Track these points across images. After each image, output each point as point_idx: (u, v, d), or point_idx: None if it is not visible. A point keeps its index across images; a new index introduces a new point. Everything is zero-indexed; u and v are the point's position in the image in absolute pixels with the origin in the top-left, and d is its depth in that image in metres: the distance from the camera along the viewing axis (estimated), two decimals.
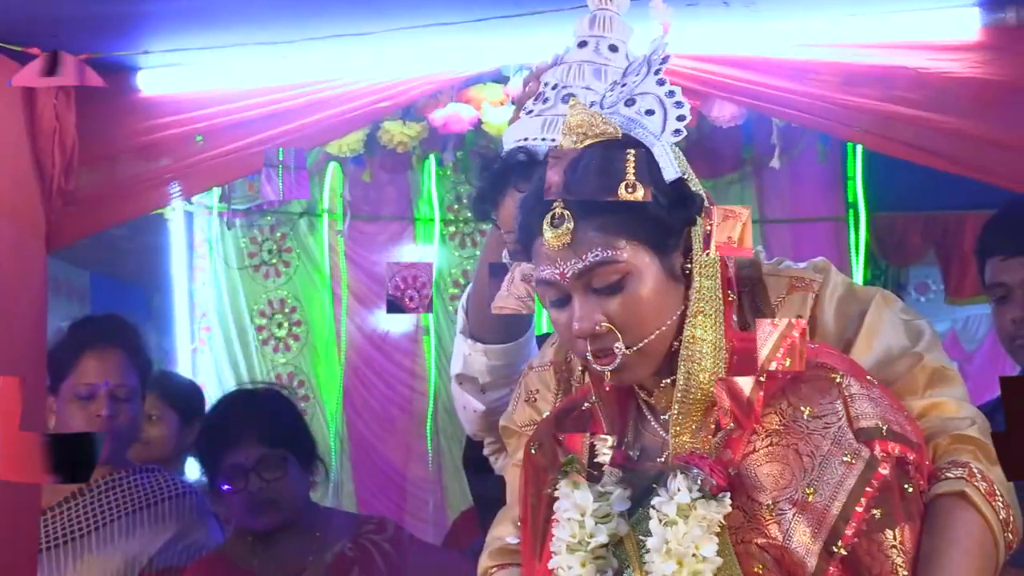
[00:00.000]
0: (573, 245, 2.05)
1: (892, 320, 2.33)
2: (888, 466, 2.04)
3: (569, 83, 2.26)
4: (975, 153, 3.05)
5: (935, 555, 2.05)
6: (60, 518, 3.86)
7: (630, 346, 2.07)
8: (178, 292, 7.02)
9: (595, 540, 2.15)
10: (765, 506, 2.05)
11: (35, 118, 3.34)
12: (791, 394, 2.09)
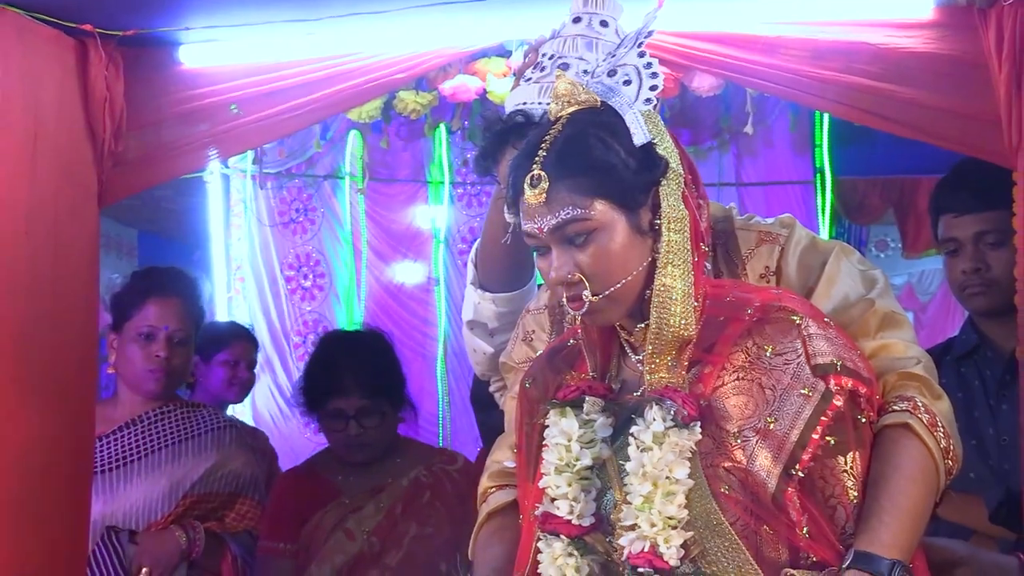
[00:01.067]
0: (548, 203, 2.08)
1: (849, 270, 2.36)
2: (842, 398, 2.07)
3: (564, 54, 2.27)
4: (929, 120, 3.06)
5: (881, 479, 2.07)
6: (113, 445, 3.88)
7: (596, 293, 2.10)
8: (216, 247, 7.03)
9: (580, 463, 2.18)
10: (731, 434, 2.07)
11: (88, 88, 3.34)
12: (756, 335, 2.11)
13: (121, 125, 3.38)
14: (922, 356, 2.23)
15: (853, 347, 2.18)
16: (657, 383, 2.12)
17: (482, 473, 2.59)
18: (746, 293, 2.20)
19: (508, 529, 2.40)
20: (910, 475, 2.08)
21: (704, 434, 2.08)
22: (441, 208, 6.86)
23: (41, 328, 3.27)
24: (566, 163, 2.07)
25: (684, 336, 2.12)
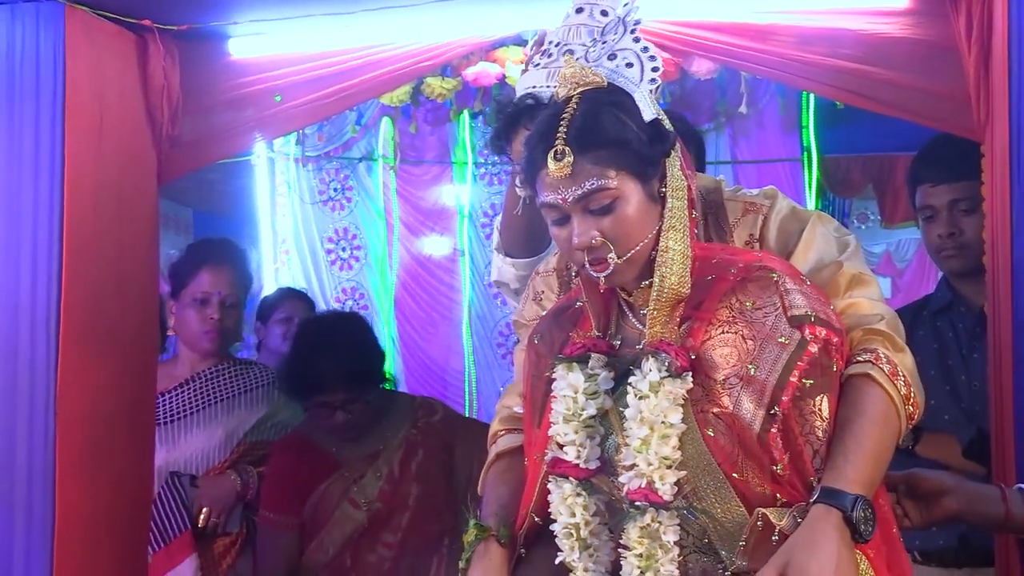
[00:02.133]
0: (573, 175, 2.08)
1: (825, 235, 2.36)
2: (816, 346, 2.08)
3: (568, 41, 2.26)
4: (905, 99, 3.06)
5: (846, 422, 2.08)
6: (175, 399, 3.93)
7: (620, 256, 2.10)
8: (263, 223, 7.06)
9: (586, 412, 2.19)
10: (718, 382, 2.08)
11: (147, 77, 3.35)
12: (739, 292, 2.12)
13: (177, 111, 3.38)
14: (886, 313, 2.23)
15: (826, 301, 2.18)
16: (653, 337, 2.13)
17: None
18: (731, 255, 2.21)
19: (514, 470, 2.40)
20: (872, 418, 2.09)
21: (695, 383, 2.09)
22: (465, 186, 6.86)
23: (108, 294, 3.28)
24: (587, 138, 2.07)
25: (681, 294, 2.13)
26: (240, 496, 3.86)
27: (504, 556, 2.27)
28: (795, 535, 1.97)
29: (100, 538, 3.25)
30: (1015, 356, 2.76)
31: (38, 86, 3.14)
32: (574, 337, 2.27)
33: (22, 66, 3.15)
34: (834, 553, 1.93)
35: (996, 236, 2.84)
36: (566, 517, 2.21)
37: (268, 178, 7.05)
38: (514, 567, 2.27)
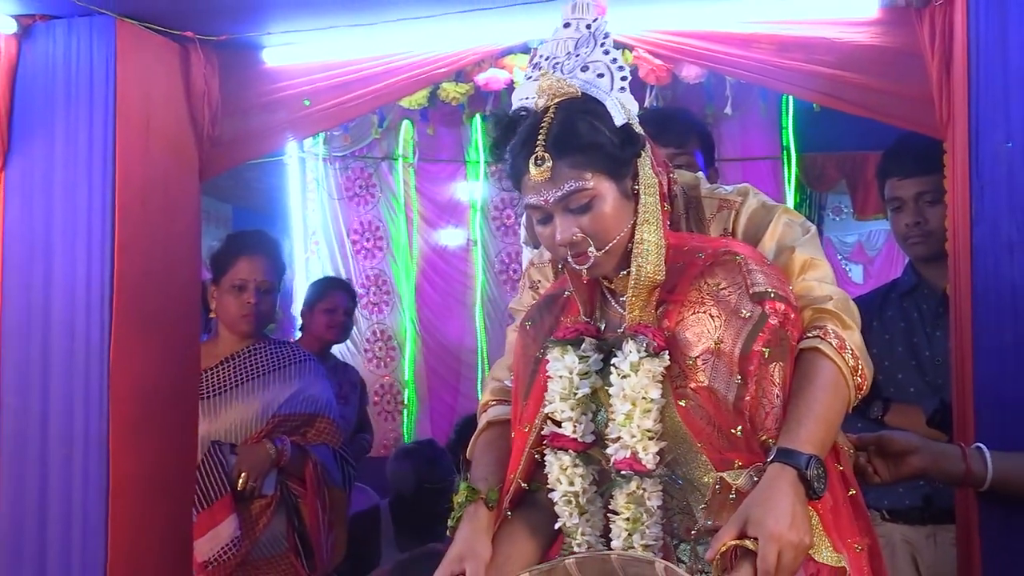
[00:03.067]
0: (552, 179, 2.09)
1: (788, 225, 2.35)
2: (776, 319, 2.09)
3: (556, 55, 2.25)
4: (875, 100, 3.07)
5: (799, 391, 2.09)
6: (216, 376, 3.94)
7: (599, 249, 2.11)
8: (295, 217, 7.08)
9: (580, 392, 2.20)
10: (693, 359, 2.08)
11: (190, 83, 3.36)
12: (707, 275, 2.13)
13: (216, 114, 3.39)
14: (835, 294, 2.22)
15: (786, 280, 2.20)
16: (632, 321, 2.14)
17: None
18: (700, 243, 2.22)
19: (503, 438, 2.38)
20: (822, 386, 2.09)
21: (672, 361, 2.10)
22: (477, 183, 6.86)
23: (155, 280, 3.30)
24: (564, 144, 2.08)
25: (656, 280, 2.14)
26: (275, 463, 3.87)
27: (490, 517, 2.26)
28: (753, 493, 1.96)
29: (150, 500, 3.26)
30: (974, 334, 2.76)
31: (92, 91, 3.15)
32: (565, 322, 2.27)
33: (77, 73, 3.17)
34: (789, 508, 1.92)
35: (957, 225, 2.84)
36: (565, 486, 2.21)
37: (299, 176, 7.05)
38: (499, 527, 2.26)
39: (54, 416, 3.14)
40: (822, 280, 2.26)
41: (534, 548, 2.26)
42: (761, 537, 1.90)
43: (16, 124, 3.18)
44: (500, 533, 2.25)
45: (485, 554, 2.20)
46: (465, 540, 2.22)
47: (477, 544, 2.21)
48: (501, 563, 2.20)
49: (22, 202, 3.19)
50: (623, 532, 2.15)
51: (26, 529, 3.13)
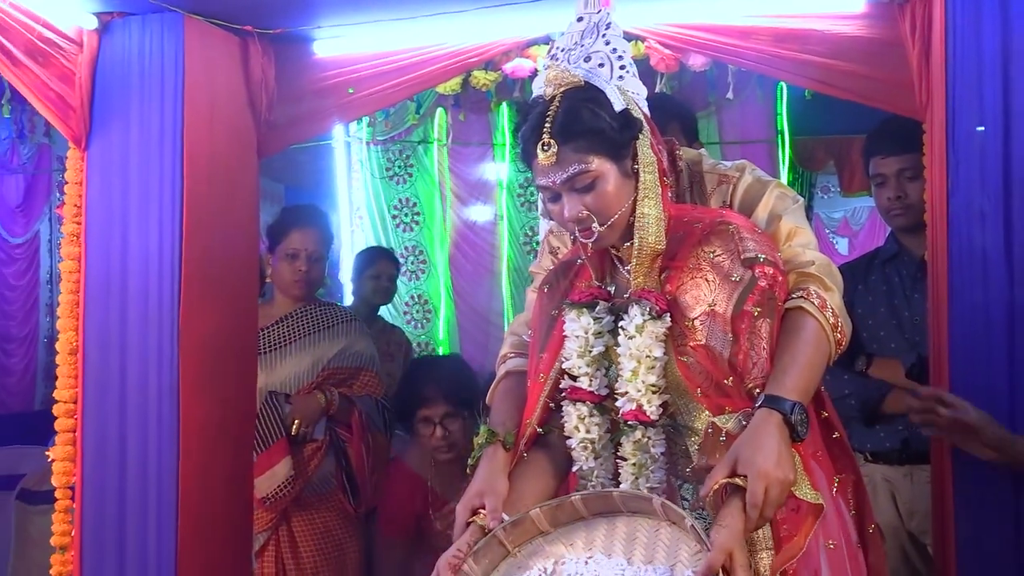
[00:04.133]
0: (558, 162, 2.09)
1: (780, 197, 2.35)
2: (764, 281, 2.11)
3: (568, 46, 2.26)
4: (861, 86, 3.05)
5: (784, 345, 2.10)
6: (272, 334, 4.00)
7: (602, 224, 2.12)
8: (341, 194, 7.09)
9: (595, 350, 2.21)
10: (691, 320, 2.09)
11: (249, 72, 3.37)
12: (704, 243, 2.13)
13: (272, 99, 3.40)
14: (818, 259, 2.23)
15: (774, 247, 2.21)
16: (637, 287, 2.15)
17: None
18: (699, 214, 2.23)
19: (519, 387, 2.39)
20: (805, 341, 2.10)
21: (673, 322, 2.11)
22: (504, 164, 6.84)
23: (218, 249, 3.32)
24: (568, 130, 2.08)
25: (658, 249, 2.15)
26: (324, 411, 3.92)
27: (507, 458, 2.27)
28: (743, 435, 1.97)
29: (215, 443, 3.29)
30: (950, 296, 2.76)
31: (163, 80, 3.17)
32: (579, 286, 2.28)
33: (150, 64, 3.19)
34: (775, 449, 1.93)
35: (935, 197, 2.84)
36: (582, 434, 2.23)
37: (345, 158, 7.06)
38: (514, 466, 2.28)
39: (131, 369, 3.17)
40: (806, 246, 2.27)
41: (546, 486, 2.28)
42: (750, 475, 1.91)
43: (97, 109, 3.19)
44: (515, 472, 2.26)
45: (502, 490, 2.22)
46: (484, 478, 2.23)
47: (495, 481, 2.23)
48: (515, 499, 2.21)
49: (102, 178, 3.21)
50: (630, 476, 2.18)
51: (109, 469, 3.16)
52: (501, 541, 2.16)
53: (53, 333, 4.56)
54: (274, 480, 3.83)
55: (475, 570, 2.14)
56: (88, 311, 3.19)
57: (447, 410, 3.76)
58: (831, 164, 6.63)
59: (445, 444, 3.79)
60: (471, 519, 2.18)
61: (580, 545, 2.12)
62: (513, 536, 2.16)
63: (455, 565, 2.13)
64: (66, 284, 3.23)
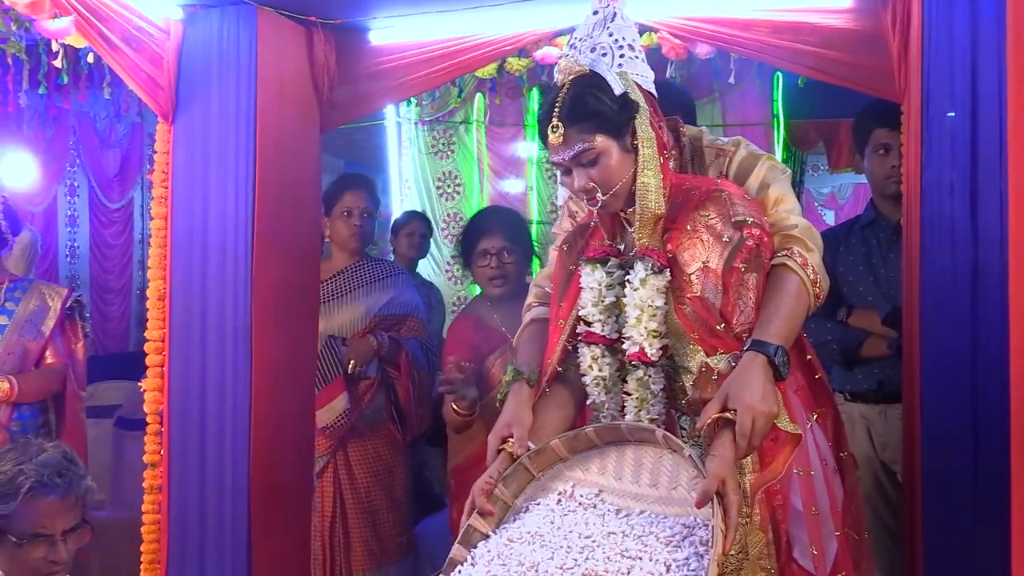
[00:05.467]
0: (566, 142, 2.11)
1: (770, 169, 2.36)
2: (752, 241, 2.13)
3: (580, 37, 2.25)
4: (848, 73, 3.01)
5: (769, 296, 2.12)
6: (330, 285, 4.00)
7: (605, 193, 2.14)
8: (392, 168, 7.08)
9: (607, 299, 2.24)
10: (688, 275, 2.11)
11: (313, 57, 3.37)
12: (700, 208, 2.15)
13: (333, 81, 3.39)
14: (800, 223, 2.25)
15: (761, 212, 2.22)
16: (642, 246, 2.16)
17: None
18: (697, 182, 2.24)
19: (542, 332, 2.42)
20: (788, 293, 2.11)
21: (672, 276, 2.13)
22: (534, 143, 6.82)
23: (285, 211, 3.33)
24: (574, 114, 2.10)
25: (658, 214, 2.15)
26: (376, 352, 3.93)
27: (531, 393, 2.29)
28: (733, 375, 1.98)
29: (283, 379, 3.31)
30: (921, 256, 2.75)
31: (238, 63, 3.18)
32: (593, 244, 2.29)
33: (227, 50, 3.20)
34: (761, 386, 1.95)
35: (910, 171, 2.82)
36: (596, 372, 2.26)
37: (396, 136, 7.04)
38: (537, 400, 2.30)
39: (210, 313, 3.20)
40: (791, 212, 2.28)
41: (565, 416, 2.31)
42: (739, 409, 1.93)
43: (182, 88, 3.21)
44: (538, 404, 2.29)
45: (527, 421, 2.24)
46: (511, 411, 2.26)
47: (521, 413, 2.25)
48: (538, 428, 2.24)
49: (186, 148, 3.23)
50: (634, 409, 2.21)
51: (191, 399, 3.20)
52: (527, 467, 2.19)
53: (144, 285, 4.61)
54: (333, 412, 3.86)
55: (505, 494, 2.17)
56: (174, 263, 3.22)
57: (503, 244, 3.51)
58: (821, 144, 6.57)
59: (499, 275, 3.52)
60: (501, 447, 2.21)
61: (594, 470, 2.15)
62: (537, 463, 2.19)
63: (487, 490, 2.16)
64: (155, 240, 3.26)
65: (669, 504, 2.03)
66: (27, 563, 2.29)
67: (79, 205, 8.15)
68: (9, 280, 3.90)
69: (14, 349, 3.77)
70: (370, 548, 3.93)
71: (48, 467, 2.31)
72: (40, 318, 3.85)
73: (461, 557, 2.09)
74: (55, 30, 2.90)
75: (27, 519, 2.28)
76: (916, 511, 2.68)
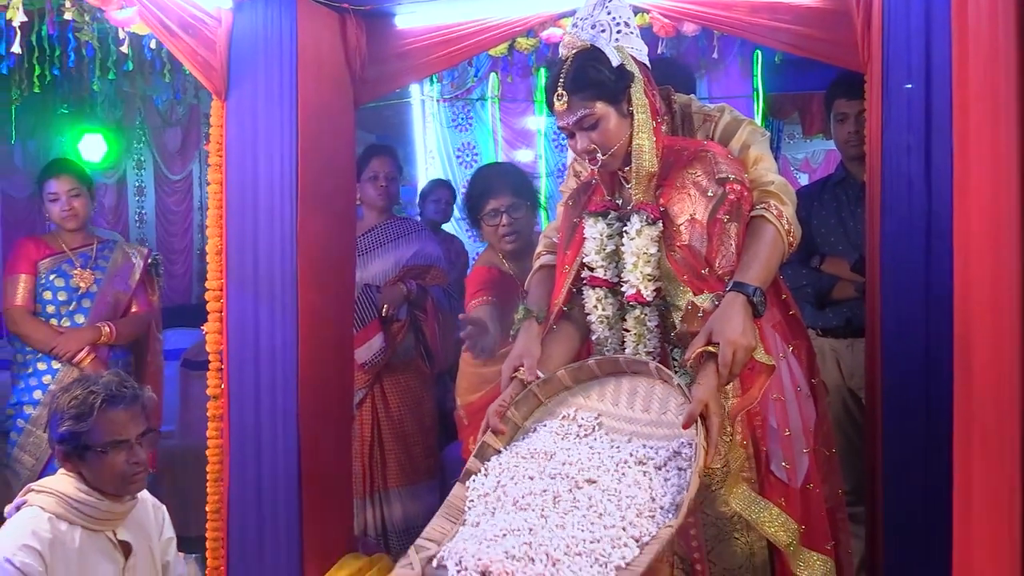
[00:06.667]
0: (569, 109, 2.11)
1: (750, 132, 2.35)
2: (733, 195, 2.13)
3: (583, 17, 2.24)
4: (818, 47, 2.96)
5: (748, 244, 2.13)
6: (365, 241, 4.04)
7: (604, 153, 2.14)
8: (417, 140, 7.12)
9: (608, 248, 2.24)
10: (678, 226, 2.11)
11: (346, 40, 3.34)
12: (688, 166, 2.15)
13: (364, 61, 3.36)
14: (777, 180, 2.25)
15: (742, 169, 2.22)
16: (637, 200, 2.16)
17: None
18: (685, 144, 2.25)
19: (549, 277, 2.43)
20: (765, 241, 2.12)
21: (664, 227, 2.13)
22: (542, 117, 6.81)
23: (325, 177, 3.32)
24: (576, 83, 2.10)
25: (651, 172, 2.15)
26: (405, 298, 3.96)
27: (540, 329, 2.32)
28: (716, 313, 2.00)
29: (325, 322, 3.30)
30: (882, 210, 2.74)
31: (281, 46, 3.16)
32: (595, 199, 2.30)
33: (271, 34, 3.17)
34: (741, 322, 1.96)
35: (872, 135, 2.80)
36: (600, 311, 2.28)
37: (420, 112, 7.07)
38: (545, 335, 2.31)
39: (261, 265, 3.20)
40: (769, 170, 2.28)
41: (569, 349, 2.32)
42: (721, 342, 1.94)
43: (232, 69, 3.19)
44: (546, 339, 2.31)
45: (537, 353, 2.26)
46: (523, 344, 2.28)
47: (531, 346, 2.27)
48: (546, 359, 2.26)
49: (237, 123, 3.21)
50: (632, 343, 2.22)
51: (246, 339, 3.20)
52: (535, 394, 2.21)
53: (203, 246, 4.65)
54: (370, 350, 3.90)
55: (516, 416, 2.20)
56: (229, 223, 3.22)
57: (511, 201, 3.25)
58: (796, 115, 6.54)
59: (511, 231, 3.27)
60: (513, 375, 2.23)
61: (594, 397, 2.18)
62: (544, 390, 2.21)
63: (501, 412, 2.19)
64: (212, 202, 3.26)
65: (659, 427, 2.06)
66: (112, 469, 2.35)
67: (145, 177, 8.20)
68: (99, 241, 3.99)
69: (108, 299, 3.88)
70: (403, 467, 3.99)
71: (111, 385, 2.39)
72: (127, 273, 3.96)
73: (476, 468, 2.12)
74: (121, 19, 2.90)
75: (104, 430, 2.34)
76: (877, 430, 2.69)
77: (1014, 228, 1.73)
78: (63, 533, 2.32)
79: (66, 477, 2.39)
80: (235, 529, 3.18)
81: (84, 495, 2.35)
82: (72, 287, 3.82)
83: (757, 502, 2.15)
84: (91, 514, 2.35)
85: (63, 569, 2.29)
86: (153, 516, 2.56)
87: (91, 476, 2.36)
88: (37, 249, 3.86)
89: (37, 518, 2.31)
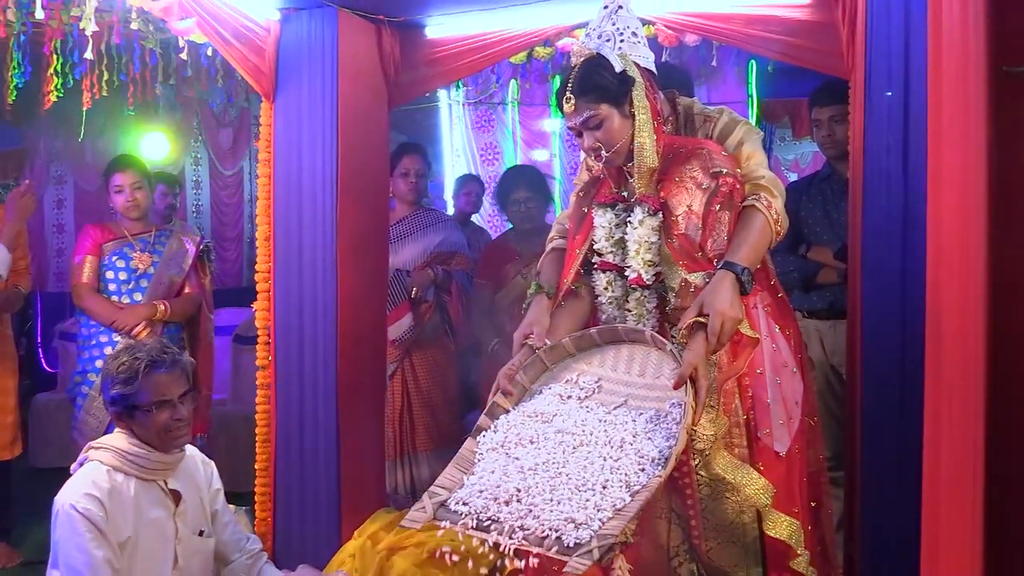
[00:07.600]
0: (576, 111, 2.12)
1: (746, 132, 2.34)
2: (726, 188, 2.12)
3: (592, 28, 2.24)
4: (807, 56, 2.92)
5: (739, 230, 2.12)
6: (396, 229, 4.03)
7: (607, 151, 2.13)
8: (445, 141, 7.09)
9: (615, 236, 2.24)
10: (676, 216, 2.11)
11: (382, 48, 3.34)
12: (686, 162, 2.14)
13: (398, 67, 3.36)
14: (767, 175, 2.24)
15: (735, 164, 2.21)
16: (640, 193, 2.17)
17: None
18: (684, 142, 2.24)
19: (560, 258, 2.43)
20: (754, 228, 2.12)
21: (664, 218, 2.13)
22: (558, 120, 6.79)
23: (362, 171, 3.32)
24: (582, 88, 2.11)
25: (652, 167, 2.16)
26: (432, 281, 3.98)
27: (549, 304, 2.33)
28: (707, 288, 2.01)
29: (361, 302, 3.31)
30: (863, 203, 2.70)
31: (323, 53, 3.17)
32: (604, 192, 2.30)
33: (315, 42, 3.18)
34: (729, 296, 1.97)
35: (855, 135, 2.77)
36: (610, 293, 2.28)
37: (448, 115, 7.05)
38: (554, 310, 2.32)
39: (304, 249, 3.21)
40: (760, 165, 2.28)
41: (574, 323, 2.33)
42: (711, 313, 1.96)
43: (280, 74, 3.21)
44: (554, 314, 2.32)
45: (545, 323, 2.28)
46: (533, 314, 2.30)
47: (541, 317, 2.29)
48: (553, 331, 2.27)
49: (284, 123, 3.24)
50: (633, 322, 2.23)
51: (291, 315, 3.22)
52: (542, 360, 2.23)
53: (253, 234, 4.68)
54: (400, 328, 3.92)
55: (524, 379, 2.23)
56: (276, 212, 3.24)
57: (528, 195, 3.93)
58: (786, 119, 6.48)
59: (527, 216, 3.94)
60: (524, 342, 2.25)
61: (595, 363, 2.20)
62: (550, 356, 2.23)
63: (510, 375, 2.21)
64: (261, 194, 3.29)
65: (653, 390, 2.08)
66: (158, 425, 2.40)
67: (201, 172, 8.25)
68: (157, 227, 4.04)
69: (163, 280, 3.93)
70: (430, 432, 4.02)
71: (154, 351, 2.43)
72: (181, 257, 4.00)
73: (486, 425, 2.15)
74: (181, 29, 2.92)
75: (150, 390, 2.38)
76: (856, 402, 2.68)
77: (981, 220, 1.74)
78: (120, 483, 2.37)
79: (120, 434, 2.44)
80: (281, 485, 3.22)
81: (136, 448, 2.40)
82: (132, 268, 3.87)
83: (739, 467, 2.18)
84: (143, 465, 2.40)
85: (120, 514, 2.34)
86: (203, 470, 2.61)
87: (141, 432, 2.41)
88: (102, 233, 3.92)
89: (97, 471, 2.36)
